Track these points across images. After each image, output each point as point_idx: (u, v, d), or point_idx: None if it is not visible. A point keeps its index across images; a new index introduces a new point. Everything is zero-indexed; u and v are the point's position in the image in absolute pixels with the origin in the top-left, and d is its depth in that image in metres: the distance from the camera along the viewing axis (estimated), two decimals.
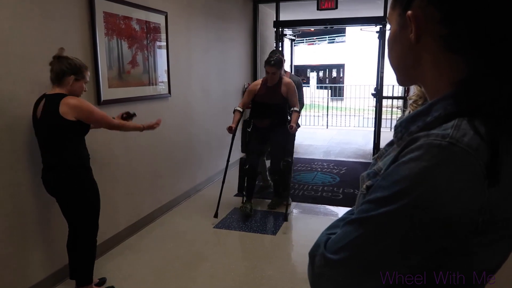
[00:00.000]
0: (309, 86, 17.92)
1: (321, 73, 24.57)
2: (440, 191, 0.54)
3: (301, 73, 23.55)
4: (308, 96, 14.50)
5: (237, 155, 4.22)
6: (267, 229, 3.70)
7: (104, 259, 3.09)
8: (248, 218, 3.88)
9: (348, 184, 5.08)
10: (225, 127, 3.88)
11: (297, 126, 4.05)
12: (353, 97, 12.82)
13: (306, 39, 23.08)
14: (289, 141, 4.05)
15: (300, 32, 8.54)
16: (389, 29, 0.71)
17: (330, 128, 10.50)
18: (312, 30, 19.10)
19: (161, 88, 3.86)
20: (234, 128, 3.85)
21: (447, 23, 0.60)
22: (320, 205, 4.39)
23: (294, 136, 4.19)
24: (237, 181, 4.08)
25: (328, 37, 23.32)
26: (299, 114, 4.02)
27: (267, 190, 4.66)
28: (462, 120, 0.56)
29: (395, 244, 0.57)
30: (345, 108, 12.66)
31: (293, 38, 7.57)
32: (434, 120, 0.59)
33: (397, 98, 7.67)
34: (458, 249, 0.58)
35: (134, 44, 3.39)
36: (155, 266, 3.02)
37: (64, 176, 2.30)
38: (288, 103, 3.91)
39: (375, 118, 6.40)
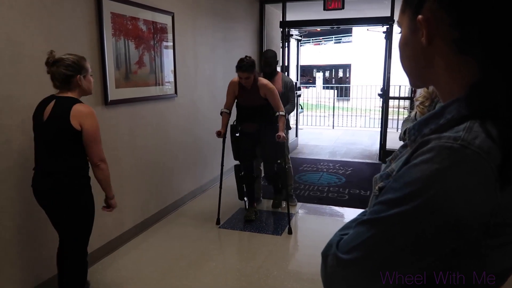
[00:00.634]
0: (315, 86, 17.91)
1: (327, 73, 24.53)
2: (451, 193, 0.54)
3: (307, 73, 23.53)
4: (314, 96, 14.51)
5: (233, 161, 4.09)
6: (272, 230, 3.70)
7: (110, 258, 3.11)
8: (252, 221, 3.87)
9: (354, 185, 5.06)
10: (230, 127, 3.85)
11: (288, 128, 3.80)
12: (360, 98, 12.78)
13: (313, 39, 23.04)
14: (280, 143, 3.68)
15: (307, 32, 8.51)
16: (400, 33, 0.71)
17: (336, 129, 10.47)
18: (319, 30, 19.05)
19: (167, 88, 3.87)
20: (223, 132, 3.70)
21: (458, 27, 0.60)
22: (326, 206, 4.38)
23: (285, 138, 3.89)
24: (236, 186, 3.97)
25: (335, 37, 23.27)
26: (286, 119, 3.67)
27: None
28: (474, 123, 0.57)
29: (406, 245, 0.58)
30: (351, 109, 12.63)
31: (300, 38, 7.55)
32: (447, 123, 0.59)
33: (404, 99, 7.63)
34: (469, 252, 0.58)
35: (141, 45, 3.41)
36: (161, 265, 3.03)
37: (66, 184, 2.13)
38: (272, 107, 3.59)
39: (382, 119, 6.38)
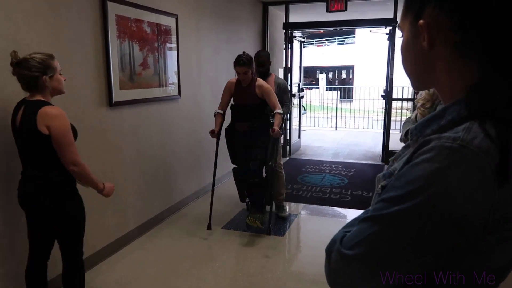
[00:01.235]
0: (319, 88, 17.90)
1: (331, 75, 24.53)
2: (451, 191, 0.56)
3: (310, 75, 23.54)
4: (318, 98, 14.50)
5: (230, 165, 4.01)
6: (275, 230, 3.71)
7: (114, 258, 3.14)
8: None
9: (357, 186, 5.07)
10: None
11: (281, 132, 3.70)
12: (363, 99, 12.77)
13: (316, 41, 23.05)
14: (272, 145, 3.67)
15: (310, 34, 8.53)
16: (401, 37, 0.73)
17: (339, 130, 10.48)
18: (322, 32, 19.07)
19: (171, 90, 3.90)
20: (217, 131, 3.64)
21: (459, 31, 0.62)
22: (328, 207, 4.39)
23: (278, 140, 3.86)
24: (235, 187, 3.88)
25: (338, 39, 23.26)
26: (283, 117, 3.66)
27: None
28: (474, 124, 0.59)
29: (408, 242, 0.60)
30: (354, 110, 12.60)
31: (303, 40, 7.56)
32: (448, 124, 0.62)
33: (407, 100, 7.64)
34: (469, 248, 0.60)
35: (145, 46, 3.44)
36: (164, 265, 3.05)
37: (45, 191, 2.02)
38: (269, 106, 3.58)
39: (385, 120, 6.38)
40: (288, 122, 6.63)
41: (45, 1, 2.47)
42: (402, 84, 8.64)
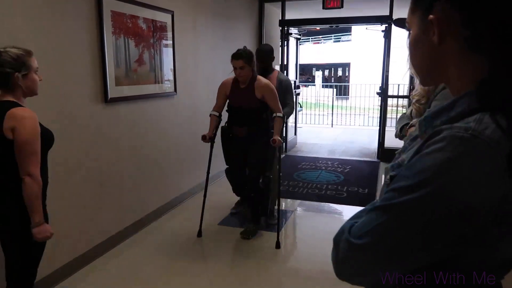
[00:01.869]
0: (315, 85, 17.92)
1: (327, 72, 24.55)
2: (462, 181, 0.56)
3: (307, 72, 23.54)
4: (314, 95, 14.53)
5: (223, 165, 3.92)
6: (272, 227, 3.72)
7: (110, 255, 3.13)
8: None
9: (352, 183, 5.09)
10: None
11: (283, 140, 3.39)
12: (359, 96, 12.80)
13: (312, 38, 23.06)
14: (270, 153, 3.42)
15: (306, 31, 8.53)
16: (409, 33, 0.73)
17: (335, 127, 10.51)
18: (318, 29, 19.08)
19: (167, 87, 3.89)
20: (210, 136, 3.37)
21: (469, 25, 0.62)
22: (324, 203, 4.41)
23: (276, 149, 3.48)
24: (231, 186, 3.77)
25: (334, 36, 23.28)
26: (284, 121, 3.34)
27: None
28: (485, 115, 0.59)
29: (417, 231, 0.60)
30: (350, 107, 12.64)
31: (299, 37, 7.57)
32: (457, 115, 0.62)
33: (402, 97, 7.67)
34: (477, 239, 0.60)
35: (141, 43, 3.42)
36: (160, 262, 3.05)
37: (7, 202, 1.80)
38: (270, 109, 3.29)
39: (380, 117, 6.40)
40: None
41: None
42: (398, 82, 8.67)
